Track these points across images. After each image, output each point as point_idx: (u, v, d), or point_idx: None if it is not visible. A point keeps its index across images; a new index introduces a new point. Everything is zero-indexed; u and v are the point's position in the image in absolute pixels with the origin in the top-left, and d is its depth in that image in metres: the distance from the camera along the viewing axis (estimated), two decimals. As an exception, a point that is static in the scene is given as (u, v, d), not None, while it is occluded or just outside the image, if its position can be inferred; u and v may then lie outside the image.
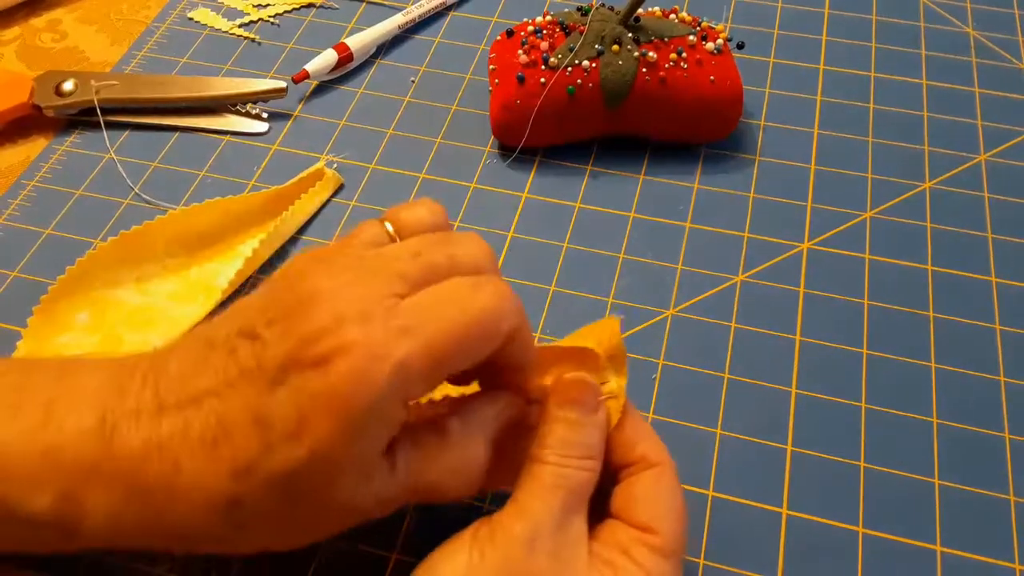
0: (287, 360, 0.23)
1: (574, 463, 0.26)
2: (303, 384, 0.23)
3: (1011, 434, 0.35)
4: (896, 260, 0.41)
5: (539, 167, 0.45)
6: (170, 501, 0.24)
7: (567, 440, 0.26)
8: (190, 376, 0.25)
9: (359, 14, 0.53)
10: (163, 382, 0.25)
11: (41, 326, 0.37)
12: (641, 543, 0.26)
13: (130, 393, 0.25)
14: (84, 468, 0.25)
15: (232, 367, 0.24)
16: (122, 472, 0.25)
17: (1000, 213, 0.43)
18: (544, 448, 0.26)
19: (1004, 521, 0.33)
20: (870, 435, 0.35)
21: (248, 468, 0.23)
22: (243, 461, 0.23)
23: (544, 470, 0.26)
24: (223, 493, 0.24)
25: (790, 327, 0.39)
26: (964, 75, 0.49)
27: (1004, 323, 0.39)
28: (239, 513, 0.24)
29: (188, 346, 0.26)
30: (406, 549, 0.32)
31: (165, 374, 0.25)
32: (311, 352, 0.23)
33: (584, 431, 0.27)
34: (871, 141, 0.46)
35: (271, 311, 0.24)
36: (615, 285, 0.40)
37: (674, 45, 0.43)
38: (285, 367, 0.23)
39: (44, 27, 0.54)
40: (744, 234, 0.42)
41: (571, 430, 0.27)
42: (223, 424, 0.24)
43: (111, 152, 0.46)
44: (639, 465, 0.27)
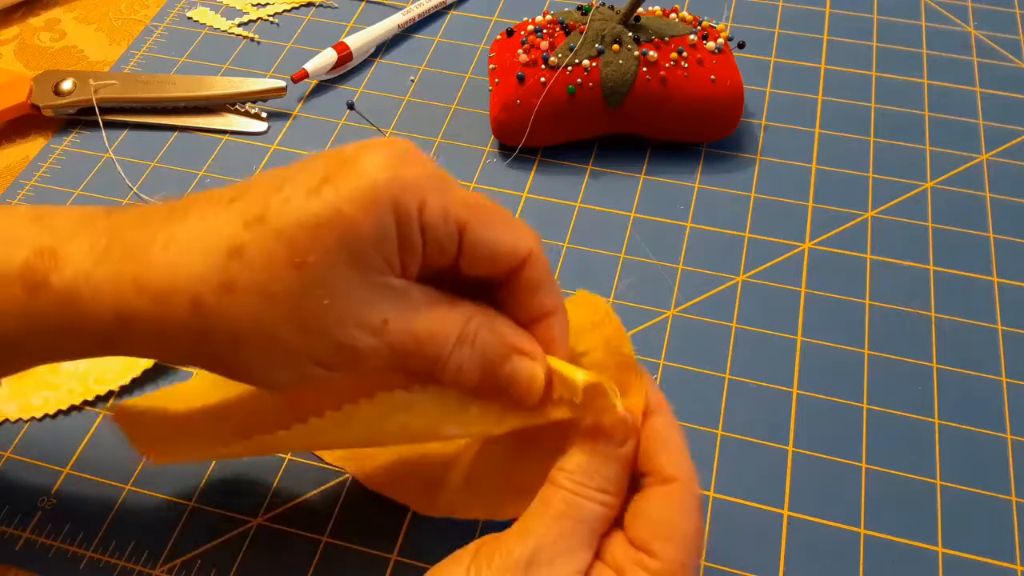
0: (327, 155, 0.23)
1: (588, 493, 0.25)
2: (336, 162, 0.23)
3: (1013, 434, 0.35)
4: (897, 260, 0.41)
5: (539, 167, 0.45)
6: (162, 249, 0.23)
7: (586, 468, 0.25)
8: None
9: (358, 13, 0.53)
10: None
11: (39, 326, 0.37)
12: (639, 566, 0.24)
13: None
14: (73, 228, 0.24)
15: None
16: (114, 225, 0.23)
17: (1002, 213, 0.43)
18: (561, 471, 0.25)
19: (1006, 522, 0.33)
20: (871, 436, 0.35)
21: (261, 216, 0.22)
22: (257, 209, 0.22)
23: (556, 495, 0.25)
24: (226, 238, 0.22)
25: (791, 327, 0.38)
26: (965, 74, 0.49)
27: (1006, 323, 0.38)
28: (235, 267, 0.22)
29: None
30: (405, 551, 0.32)
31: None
32: (350, 150, 0.23)
33: (606, 463, 0.25)
34: (872, 141, 0.46)
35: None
36: (616, 285, 0.40)
37: (675, 44, 0.43)
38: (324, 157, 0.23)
39: (43, 26, 0.54)
40: (745, 234, 0.42)
41: (592, 459, 0.25)
42: (247, 187, 0.23)
43: (110, 151, 0.46)
44: (653, 477, 0.25)
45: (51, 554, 0.32)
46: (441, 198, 0.23)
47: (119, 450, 0.35)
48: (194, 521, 0.33)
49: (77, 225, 0.24)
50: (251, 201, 0.23)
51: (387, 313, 0.23)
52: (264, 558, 0.32)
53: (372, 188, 0.22)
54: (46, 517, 0.33)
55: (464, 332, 0.24)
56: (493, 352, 0.25)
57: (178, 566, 0.32)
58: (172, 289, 0.22)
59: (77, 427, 0.36)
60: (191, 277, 0.22)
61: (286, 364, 0.24)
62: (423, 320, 0.24)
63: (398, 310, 0.23)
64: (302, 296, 0.22)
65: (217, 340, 0.23)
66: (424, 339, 0.24)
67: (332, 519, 0.33)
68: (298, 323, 0.23)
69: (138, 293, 0.23)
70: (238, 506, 0.33)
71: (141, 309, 0.23)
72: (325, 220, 0.22)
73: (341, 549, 0.32)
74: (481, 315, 0.25)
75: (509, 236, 0.25)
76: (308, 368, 0.24)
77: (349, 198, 0.22)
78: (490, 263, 0.25)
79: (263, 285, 0.22)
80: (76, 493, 0.34)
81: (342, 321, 0.23)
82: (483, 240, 0.24)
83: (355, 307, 0.23)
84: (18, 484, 0.34)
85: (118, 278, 0.23)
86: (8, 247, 0.24)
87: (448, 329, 0.24)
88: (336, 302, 0.23)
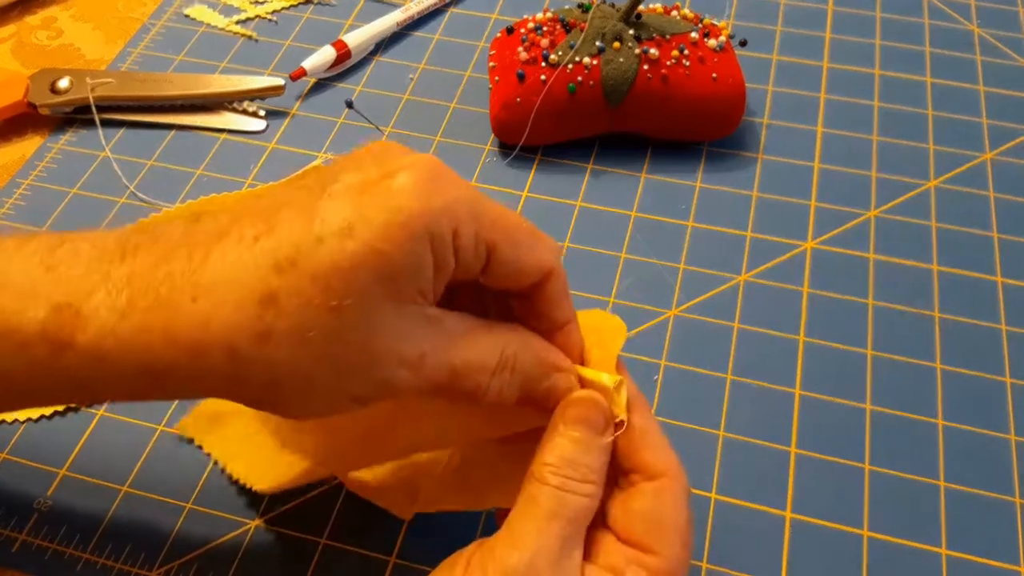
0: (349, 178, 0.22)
1: (573, 486, 0.24)
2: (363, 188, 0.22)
3: (1017, 436, 0.35)
4: (901, 259, 0.41)
5: (539, 165, 0.45)
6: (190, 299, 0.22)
7: (570, 459, 0.24)
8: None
9: (357, 11, 0.53)
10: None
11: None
12: (638, 565, 0.24)
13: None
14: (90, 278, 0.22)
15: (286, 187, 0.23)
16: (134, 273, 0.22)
17: (1005, 212, 0.42)
18: (545, 465, 0.24)
19: (1010, 523, 0.33)
20: (874, 437, 0.35)
21: (293, 260, 0.21)
22: (288, 251, 0.21)
23: (542, 492, 0.24)
24: (259, 285, 0.21)
25: (793, 327, 0.38)
26: (969, 73, 0.49)
27: (1010, 323, 0.38)
28: (269, 315, 0.21)
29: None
30: (404, 553, 0.32)
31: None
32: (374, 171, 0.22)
33: (589, 453, 0.24)
34: (875, 139, 0.46)
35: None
36: (616, 285, 0.40)
37: (676, 42, 0.43)
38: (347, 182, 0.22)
39: (39, 25, 0.53)
40: (747, 233, 0.42)
41: (575, 449, 0.24)
42: (269, 221, 0.22)
43: (106, 150, 0.46)
44: (641, 475, 0.25)
45: (47, 556, 0.32)
46: (474, 222, 0.23)
47: (116, 452, 0.35)
48: (191, 523, 0.33)
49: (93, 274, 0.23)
50: (280, 241, 0.22)
51: (423, 346, 0.23)
52: (262, 560, 0.32)
53: (408, 222, 0.21)
54: (42, 519, 0.33)
55: (503, 359, 0.24)
56: (532, 374, 0.25)
57: (175, 568, 0.32)
58: (206, 341, 0.22)
59: (74, 429, 0.35)
60: (225, 327, 0.22)
61: (322, 401, 0.23)
62: (460, 351, 0.24)
63: (434, 342, 0.23)
64: (339, 338, 0.22)
65: (253, 384, 0.23)
66: (462, 371, 0.24)
67: (331, 521, 0.33)
68: (335, 364, 0.22)
69: (169, 346, 0.22)
70: (236, 508, 0.33)
71: (173, 361, 0.22)
72: (360, 261, 0.21)
73: (340, 551, 0.32)
74: (516, 338, 0.25)
75: (534, 255, 0.25)
76: (344, 404, 0.24)
77: (384, 236, 0.21)
78: (515, 280, 0.25)
79: (299, 331, 0.22)
80: (73, 495, 0.34)
81: (380, 359, 0.22)
82: (510, 260, 0.24)
83: (392, 343, 0.22)
84: (14, 486, 0.34)
85: (147, 331, 0.22)
86: (25, 302, 0.23)
87: (486, 358, 0.24)
88: (373, 340, 0.22)
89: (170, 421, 0.35)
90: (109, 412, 0.36)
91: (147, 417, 0.36)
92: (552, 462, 0.24)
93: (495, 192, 0.44)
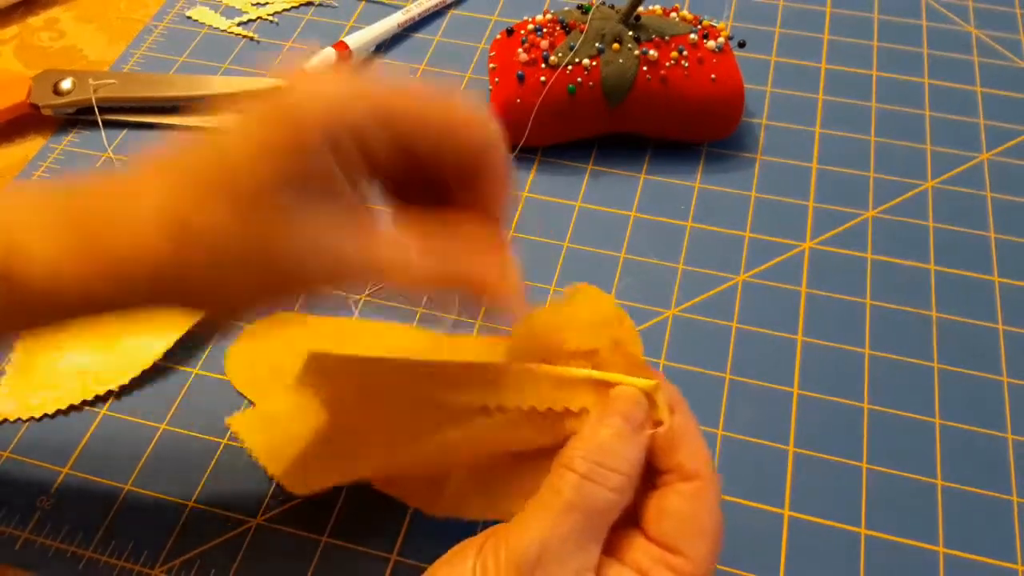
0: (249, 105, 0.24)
1: (601, 475, 0.23)
2: (262, 108, 0.23)
3: (1014, 434, 0.35)
4: (898, 260, 0.41)
5: (539, 166, 0.45)
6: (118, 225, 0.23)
7: (603, 448, 0.24)
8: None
9: (358, 12, 0.53)
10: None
11: (38, 326, 0.37)
12: (664, 566, 0.23)
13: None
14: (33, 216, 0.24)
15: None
16: (70, 208, 0.24)
17: (1002, 212, 0.43)
18: (574, 450, 0.24)
19: (1007, 522, 0.33)
20: (872, 436, 0.35)
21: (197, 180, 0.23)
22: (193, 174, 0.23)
23: (566, 481, 0.23)
24: (174, 208, 0.23)
25: (792, 327, 0.38)
26: (966, 74, 0.49)
27: (1007, 323, 0.38)
28: (185, 235, 0.23)
29: None
30: (405, 551, 0.32)
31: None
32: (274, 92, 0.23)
33: (624, 445, 0.24)
34: (873, 140, 0.46)
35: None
36: (616, 285, 0.40)
37: (675, 44, 0.43)
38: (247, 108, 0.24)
39: (42, 26, 0.54)
40: (745, 234, 0.42)
41: (610, 439, 0.24)
42: (183, 151, 0.24)
43: (109, 151, 0.46)
44: (674, 475, 0.25)
45: (50, 554, 0.32)
46: (365, 98, 0.23)
47: (118, 450, 0.35)
48: (193, 521, 0.33)
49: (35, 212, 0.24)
50: (189, 164, 0.24)
51: (333, 242, 0.23)
52: (263, 558, 0.32)
53: (294, 109, 0.23)
54: (45, 517, 0.33)
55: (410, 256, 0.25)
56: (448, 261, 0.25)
57: (177, 566, 0.32)
58: (135, 272, 0.23)
59: (76, 427, 0.36)
60: (149, 254, 0.23)
61: (242, 301, 0.25)
62: (373, 248, 0.24)
63: (346, 238, 0.24)
64: (251, 244, 0.23)
65: (177, 296, 0.24)
66: (380, 262, 0.24)
67: (332, 519, 0.33)
68: (250, 268, 0.23)
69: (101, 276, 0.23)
70: (237, 506, 0.33)
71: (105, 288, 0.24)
72: (262, 168, 0.22)
73: (341, 549, 0.32)
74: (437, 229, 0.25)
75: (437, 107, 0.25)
76: (264, 301, 0.25)
77: (274, 128, 0.23)
78: (433, 143, 0.25)
79: (214, 245, 0.23)
80: (75, 493, 0.34)
81: (290, 258, 0.23)
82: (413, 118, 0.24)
83: (302, 241, 0.23)
84: (17, 484, 0.34)
85: (84, 263, 0.23)
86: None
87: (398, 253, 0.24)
88: (283, 241, 0.23)
89: (172, 421, 0.36)
90: (111, 412, 0.36)
91: (150, 416, 0.36)
92: (583, 448, 0.24)
93: (495, 193, 0.44)
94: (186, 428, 0.35)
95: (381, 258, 0.24)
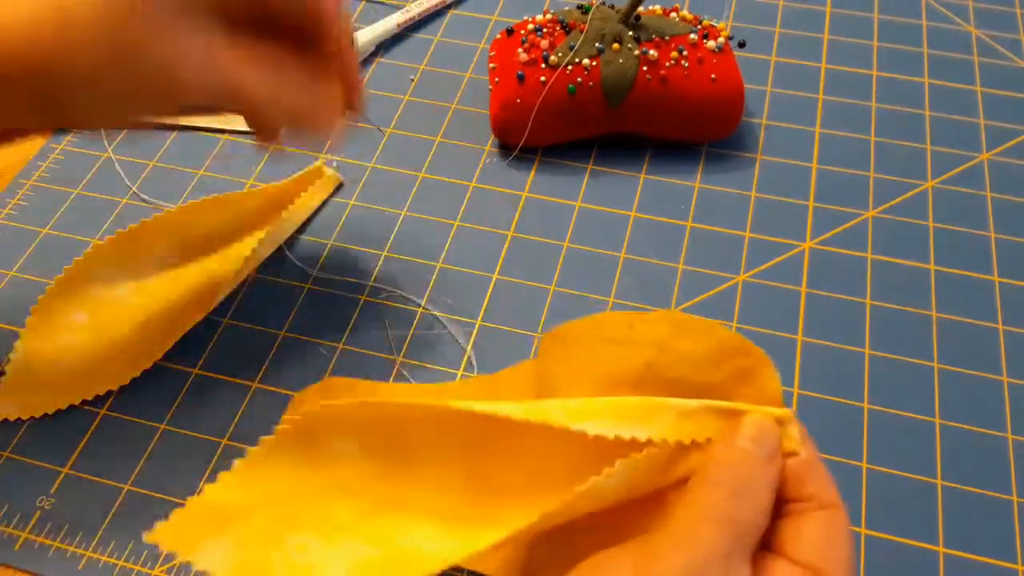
0: None
1: (745, 495, 0.23)
2: None
3: (1014, 434, 0.35)
4: (898, 260, 0.41)
5: (539, 166, 0.45)
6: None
7: (741, 472, 0.23)
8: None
9: (358, 12, 0.53)
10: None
11: (39, 326, 0.37)
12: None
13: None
14: None
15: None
16: None
17: (1002, 212, 0.43)
18: (716, 469, 0.24)
19: (1007, 522, 0.33)
20: (872, 436, 0.35)
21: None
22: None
23: (712, 497, 0.23)
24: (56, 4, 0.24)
25: (792, 327, 0.38)
26: (966, 74, 0.49)
27: (1007, 323, 0.38)
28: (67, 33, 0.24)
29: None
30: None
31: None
32: None
33: (760, 469, 0.24)
34: (873, 140, 0.46)
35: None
36: (616, 285, 0.40)
37: (675, 43, 0.43)
38: None
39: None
40: (745, 234, 0.42)
41: (747, 463, 0.24)
42: None
43: (109, 151, 0.46)
44: (809, 504, 0.25)
45: (50, 554, 0.32)
46: None
47: (118, 450, 0.35)
48: (193, 521, 0.33)
49: None
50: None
51: (198, 57, 0.26)
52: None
53: None
54: (45, 517, 0.33)
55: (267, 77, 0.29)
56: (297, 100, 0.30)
57: (177, 566, 0.32)
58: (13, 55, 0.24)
59: (76, 427, 0.36)
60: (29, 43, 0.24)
61: (110, 102, 0.27)
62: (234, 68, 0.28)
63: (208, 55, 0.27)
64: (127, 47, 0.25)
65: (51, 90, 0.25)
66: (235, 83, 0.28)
67: (332, 519, 0.33)
68: (123, 70, 0.25)
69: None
70: (237, 506, 0.33)
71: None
72: None
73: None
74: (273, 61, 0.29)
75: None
76: (132, 108, 0.27)
77: None
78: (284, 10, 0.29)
79: (92, 43, 0.25)
80: (75, 493, 0.34)
81: (161, 66, 0.26)
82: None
83: (173, 52, 0.26)
84: (17, 484, 0.34)
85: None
86: None
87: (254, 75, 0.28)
88: (156, 49, 0.25)
89: (172, 421, 0.36)
90: (111, 411, 0.36)
91: (149, 416, 0.36)
92: (724, 469, 0.24)
93: (495, 193, 0.44)
94: (186, 428, 0.35)
95: (235, 79, 0.28)
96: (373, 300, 0.39)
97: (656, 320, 0.27)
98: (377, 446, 0.27)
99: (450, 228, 0.42)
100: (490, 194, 0.44)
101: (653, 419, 0.25)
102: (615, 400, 0.26)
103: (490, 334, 0.38)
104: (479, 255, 0.41)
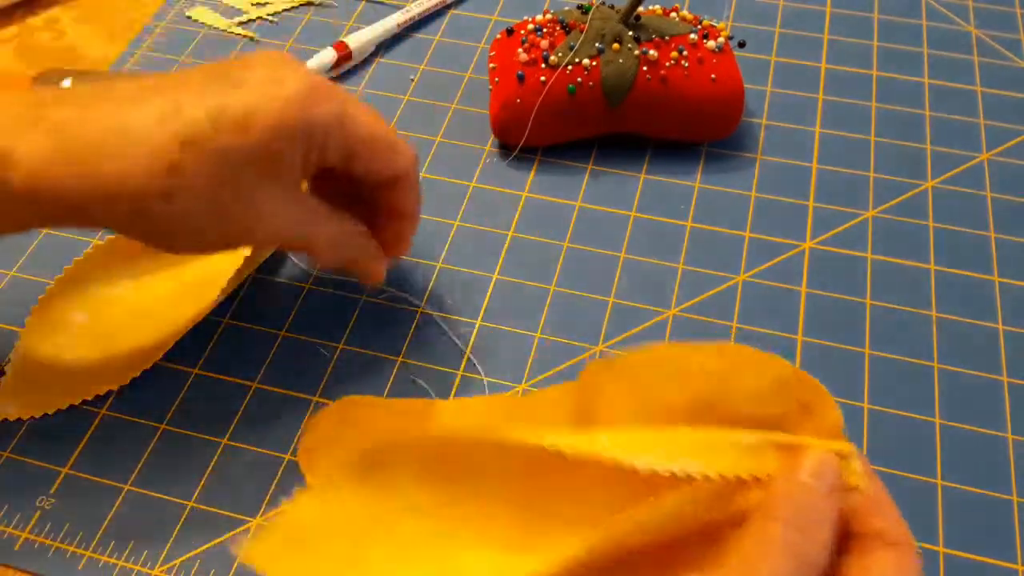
0: (248, 77, 0.29)
1: (809, 528, 0.23)
2: (258, 90, 0.28)
3: (1014, 434, 0.35)
4: (898, 259, 0.41)
5: (539, 166, 0.45)
6: (110, 156, 0.27)
7: (803, 504, 0.23)
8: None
9: (358, 12, 0.53)
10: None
11: (39, 325, 0.37)
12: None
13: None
14: (20, 120, 0.27)
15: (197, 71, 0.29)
16: (61, 121, 0.27)
17: (1002, 212, 0.43)
18: (777, 501, 0.23)
19: (1007, 522, 0.33)
20: (872, 435, 0.35)
21: (194, 141, 0.27)
22: (190, 135, 0.27)
23: (775, 529, 0.22)
24: (167, 155, 0.27)
25: (791, 327, 0.38)
26: (966, 74, 0.49)
27: (1007, 323, 0.38)
28: (174, 181, 0.27)
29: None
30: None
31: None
32: (268, 77, 0.29)
33: (822, 503, 0.23)
34: (873, 140, 0.46)
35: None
36: (615, 285, 0.40)
37: (675, 44, 0.43)
38: (246, 78, 0.28)
39: (42, 26, 0.54)
40: (745, 234, 0.42)
41: (807, 496, 0.23)
42: (178, 101, 0.28)
43: (109, 151, 0.46)
44: (877, 541, 0.24)
45: (50, 554, 0.32)
46: (343, 135, 0.30)
47: (118, 450, 0.35)
48: (193, 521, 0.33)
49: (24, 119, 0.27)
50: (187, 121, 0.27)
51: (282, 214, 0.30)
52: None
53: (294, 126, 0.28)
54: (45, 517, 0.33)
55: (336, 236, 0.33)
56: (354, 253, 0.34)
57: (177, 566, 0.32)
58: (121, 194, 0.27)
59: (76, 427, 0.36)
60: (137, 185, 0.27)
61: (203, 247, 0.31)
62: (310, 224, 0.31)
63: (290, 212, 0.30)
64: (225, 202, 0.29)
65: (154, 229, 0.29)
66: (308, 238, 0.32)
67: (332, 519, 0.33)
68: (220, 220, 0.29)
69: (88, 194, 0.27)
70: (237, 506, 0.33)
71: (90, 205, 0.27)
72: (248, 148, 0.28)
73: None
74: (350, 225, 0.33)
75: (386, 163, 0.32)
76: (219, 247, 0.31)
77: (274, 136, 0.28)
78: (372, 177, 0.32)
79: (196, 195, 0.28)
80: (75, 493, 0.34)
81: (252, 219, 0.30)
82: (366, 163, 0.31)
83: (262, 208, 0.29)
84: (17, 484, 0.34)
85: (71, 178, 0.27)
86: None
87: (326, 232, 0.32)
88: (249, 205, 0.29)
89: (172, 421, 0.36)
90: (111, 411, 0.36)
91: (149, 416, 0.36)
92: (785, 503, 0.23)
93: (495, 193, 0.44)
94: (186, 428, 0.35)
95: (303, 236, 0.31)
96: (373, 300, 0.39)
97: (713, 353, 0.27)
98: (435, 475, 0.28)
99: (450, 228, 0.42)
100: (490, 194, 0.44)
101: (710, 453, 0.24)
102: (669, 433, 0.25)
103: (490, 334, 0.38)
104: (479, 255, 0.41)
